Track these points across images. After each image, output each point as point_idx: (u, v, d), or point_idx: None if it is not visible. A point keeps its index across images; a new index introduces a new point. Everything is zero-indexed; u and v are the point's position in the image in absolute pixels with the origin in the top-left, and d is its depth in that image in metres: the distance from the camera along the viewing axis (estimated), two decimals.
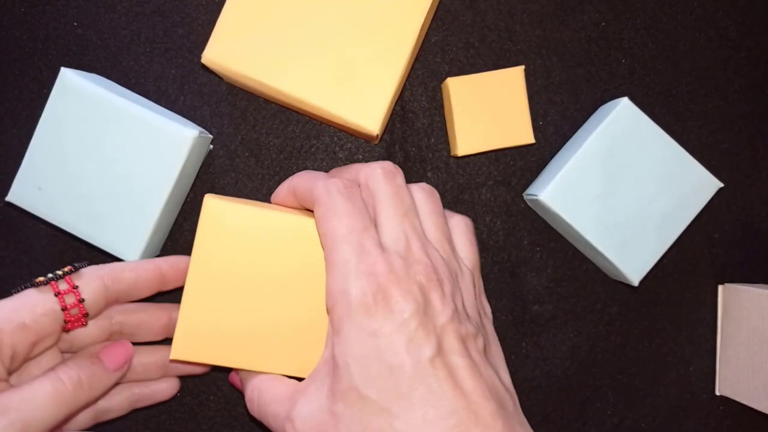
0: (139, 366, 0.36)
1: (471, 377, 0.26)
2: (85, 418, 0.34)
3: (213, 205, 0.31)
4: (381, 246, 0.28)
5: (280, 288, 0.31)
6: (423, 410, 0.25)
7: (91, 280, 0.32)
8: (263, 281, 0.31)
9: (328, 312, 0.28)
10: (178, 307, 0.35)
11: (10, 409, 0.27)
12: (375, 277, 0.27)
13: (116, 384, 0.34)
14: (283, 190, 0.33)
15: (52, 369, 0.30)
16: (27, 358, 0.30)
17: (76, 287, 0.31)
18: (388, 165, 0.30)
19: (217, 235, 0.31)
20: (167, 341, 0.36)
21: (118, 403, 0.35)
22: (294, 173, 0.40)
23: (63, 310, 0.30)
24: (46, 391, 0.28)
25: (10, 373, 0.30)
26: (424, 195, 0.31)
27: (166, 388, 0.37)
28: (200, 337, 0.30)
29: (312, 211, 0.31)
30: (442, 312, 0.27)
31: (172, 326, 0.36)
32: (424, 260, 0.28)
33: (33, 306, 0.30)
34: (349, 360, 0.26)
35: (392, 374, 0.25)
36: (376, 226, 0.29)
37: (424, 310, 0.26)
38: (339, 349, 0.26)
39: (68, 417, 0.30)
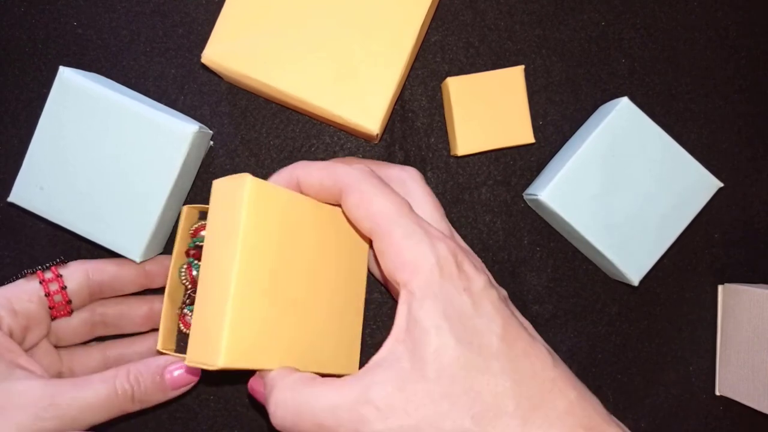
0: (135, 356, 0.37)
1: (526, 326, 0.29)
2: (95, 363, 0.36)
3: (255, 186, 0.26)
4: None
5: (318, 282, 0.30)
6: (529, 360, 0.26)
7: (74, 270, 0.34)
8: (303, 275, 0.29)
9: (399, 286, 0.27)
10: (160, 299, 0.36)
11: (61, 406, 0.29)
12: (448, 241, 0.28)
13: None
14: (281, 183, 0.31)
15: (112, 370, 0.31)
16: (23, 346, 0.32)
17: (60, 276, 0.33)
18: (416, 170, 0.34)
19: (264, 222, 0.27)
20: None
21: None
22: None
23: (46, 295, 0.33)
24: (99, 396, 0.30)
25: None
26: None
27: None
28: (250, 340, 0.27)
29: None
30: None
31: (153, 317, 0.36)
32: (461, 244, 0.32)
33: (19, 293, 0.32)
34: (440, 321, 0.26)
35: (488, 328, 0.26)
36: None
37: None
38: (424, 314, 0.26)
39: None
